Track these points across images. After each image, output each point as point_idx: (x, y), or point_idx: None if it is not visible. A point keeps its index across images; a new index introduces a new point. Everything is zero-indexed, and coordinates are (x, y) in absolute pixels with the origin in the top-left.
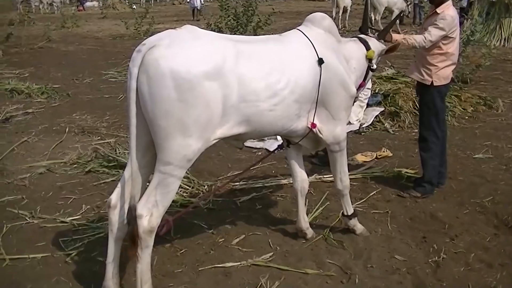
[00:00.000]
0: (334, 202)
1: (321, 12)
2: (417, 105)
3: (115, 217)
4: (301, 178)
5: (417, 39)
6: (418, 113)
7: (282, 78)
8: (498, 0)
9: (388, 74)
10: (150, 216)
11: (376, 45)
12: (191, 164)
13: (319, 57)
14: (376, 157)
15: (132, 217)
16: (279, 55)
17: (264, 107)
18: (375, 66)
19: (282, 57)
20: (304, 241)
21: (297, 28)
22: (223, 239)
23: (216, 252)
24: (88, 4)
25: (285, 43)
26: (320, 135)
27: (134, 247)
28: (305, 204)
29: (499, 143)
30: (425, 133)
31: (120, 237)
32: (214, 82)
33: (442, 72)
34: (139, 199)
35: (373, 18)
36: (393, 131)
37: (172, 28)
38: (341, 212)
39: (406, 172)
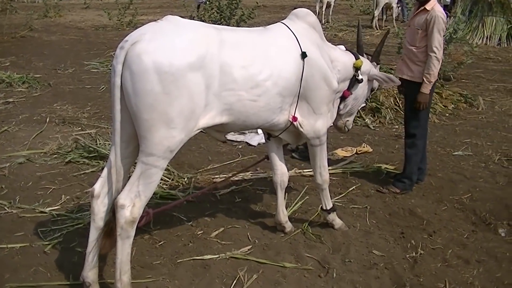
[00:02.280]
0: (313, 196)
1: (304, 7)
2: (398, 101)
3: (98, 207)
4: (281, 171)
5: (434, 64)
6: (399, 109)
7: (265, 69)
8: None
9: None
10: (132, 206)
11: (367, 63)
12: (174, 155)
13: (303, 50)
14: (356, 153)
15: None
16: (263, 47)
17: (246, 97)
18: (360, 77)
19: (265, 48)
20: (282, 235)
21: (282, 21)
22: (202, 232)
23: (195, 244)
24: None
25: (269, 35)
26: (301, 129)
27: (109, 237)
28: (285, 197)
29: (479, 140)
30: (413, 130)
31: (102, 227)
32: (198, 73)
33: None
34: (122, 190)
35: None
36: (373, 126)
37: (154, 20)
38: (320, 206)
39: (386, 167)
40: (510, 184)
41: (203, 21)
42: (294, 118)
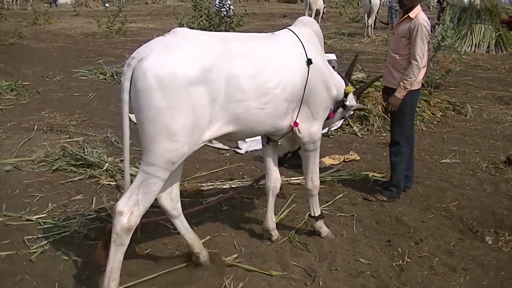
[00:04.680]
0: (300, 204)
1: (294, 14)
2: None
3: (165, 204)
4: (275, 177)
5: (414, 71)
6: (386, 117)
7: (274, 76)
8: (469, 6)
9: (358, 78)
10: (130, 214)
11: (352, 95)
12: (176, 167)
13: (308, 57)
14: (344, 160)
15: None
16: (272, 54)
17: (254, 106)
18: (348, 103)
19: (274, 55)
20: (269, 243)
21: (288, 28)
22: None
23: (181, 252)
24: (60, 1)
25: (277, 42)
26: (299, 134)
27: (105, 248)
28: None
29: (467, 148)
30: (398, 137)
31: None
32: (201, 87)
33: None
34: (122, 196)
35: (367, 23)
36: (361, 134)
37: (143, 28)
38: (308, 213)
39: (373, 175)
40: (497, 192)
41: (192, 28)
42: (295, 124)
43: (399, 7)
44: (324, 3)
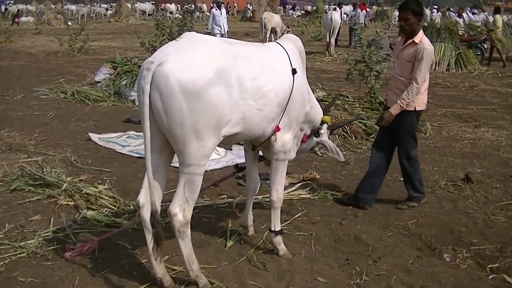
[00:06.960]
0: (259, 223)
1: (256, 33)
2: (346, 127)
3: (146, 215)
4: (255, 179)
5: (413, 93)
6: (346, 136)
7: (271, 80)
8: (430, 25)
9: (318, 96)
10: (183, 211)
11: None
12: (208, 158)
13: (293, 67)
14: (303, 179)
15: (155, 221)
16: (267, 60)
17: (255, 106)
18: (323, 131)
19: (269, 61)
20: (227, 263)
21: (276, 41)
22: (147, 260)
23: (140, 272)
24: (23, 19)
25: (269, 51)
26: (274, 142)
27: (158, 247)
28: (230, 226)
29: (426, 166)
30: (412, 152)
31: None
32: (219, 87)
33: (422, 97)
34: (172, 201)
35: (328, 40)
36: (321, 153)
37: (106, 46)
38: (269, 228)
39: (332, 194)
40: (456, 209)
41: (154, 47)
42: (278, 128)
43: (400, 32)
44: (283, 22)
